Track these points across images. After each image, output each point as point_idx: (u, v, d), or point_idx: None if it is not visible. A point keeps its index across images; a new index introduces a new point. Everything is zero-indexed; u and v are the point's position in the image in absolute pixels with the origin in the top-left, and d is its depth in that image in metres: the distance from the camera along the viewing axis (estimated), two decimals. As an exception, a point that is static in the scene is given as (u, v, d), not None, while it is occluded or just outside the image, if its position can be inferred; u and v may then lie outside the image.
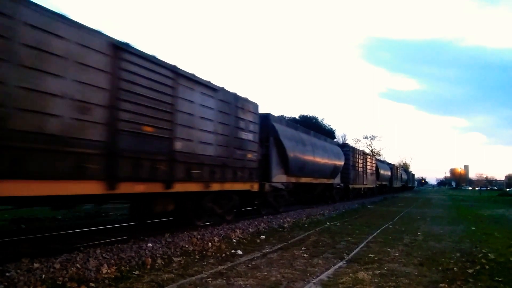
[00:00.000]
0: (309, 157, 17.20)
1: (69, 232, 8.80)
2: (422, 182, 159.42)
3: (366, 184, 31.48)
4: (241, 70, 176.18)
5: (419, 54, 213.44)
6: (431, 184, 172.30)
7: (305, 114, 49.34)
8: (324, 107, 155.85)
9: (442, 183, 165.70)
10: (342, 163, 22.48)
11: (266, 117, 14.37)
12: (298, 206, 18.41)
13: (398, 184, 54.57)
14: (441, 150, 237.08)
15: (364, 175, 30.65)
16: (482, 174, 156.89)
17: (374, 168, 35.38)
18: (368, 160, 32.99)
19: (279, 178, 14.48)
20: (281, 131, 14.88)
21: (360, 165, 29.21)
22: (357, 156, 28.35)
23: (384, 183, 41.73)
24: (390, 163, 53.34)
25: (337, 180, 22.78)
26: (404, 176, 65.02)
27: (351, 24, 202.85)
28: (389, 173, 44.63)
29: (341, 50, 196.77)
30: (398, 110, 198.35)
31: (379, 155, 72.26)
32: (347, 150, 25.82)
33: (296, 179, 16.28)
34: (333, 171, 21.10)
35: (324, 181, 20.34)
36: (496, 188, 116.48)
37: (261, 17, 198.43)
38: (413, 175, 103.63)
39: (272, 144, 14.26)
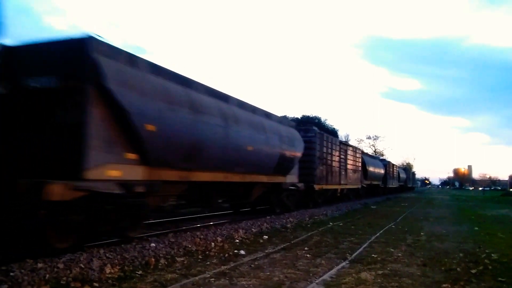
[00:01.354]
0: (214, 136, 9.52)
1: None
2: (426, 182, 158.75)
3: (346, 184, 23.80)
4: (244, 71, 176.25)
5: (421, 54, 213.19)
6: (434, 184, 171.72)
7: (308, 115, 49.32)
8: (327, 107, 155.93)
9: (445, 183, 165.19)
10: (299, 153, 15.08)
11: (78, 43, 6.70)
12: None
13: (395, 184, 47.19)
14: (444, 151, 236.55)
15: (343, 172, 23.05)
16: (485, 174, 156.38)
17: (360, 164, 27.99)
18: (350, 153, 25.34)
19: (111, 170, 6.97)
20: (119, 76, 7.10)
21: (336, 158, 21.58)
22: (329, 146, 20.42)
23: (375, 182, 34.40)
24: (384, 159, 47.30)
25: (290, 178, 15.05)
26: (403, 175, 56.87)
27: (352, 24, 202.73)
28: (381, 171, 37.18)
29: (343, 50, 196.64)
30: (401, 110, 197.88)
31: (382, 155, 72.13)
32: (311, 136, 18.01)
33: (181, 174, 8.73)
34: (280, 164, 13.41)
35: (263, 179, 12.87)
36: (499, 188, 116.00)
37: (264, 18, 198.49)
38: (414, 173, 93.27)
39: (94, 101, 6.67)
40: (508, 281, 5.83)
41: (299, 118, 46.35)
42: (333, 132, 48.43)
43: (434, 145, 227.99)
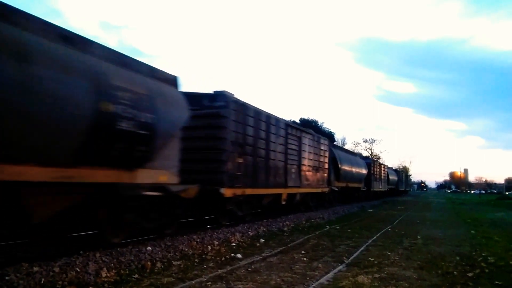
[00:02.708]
0: None
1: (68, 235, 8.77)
2: (422, 185, 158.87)
3: (299, 187, 16.29)
4: (244, 74, 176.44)
5: (417, 57, 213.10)
6: (430, 188, 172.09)
7: (305, 118, 49.64)
8: (324, 111, 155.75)
9: (442, 186, 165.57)
10: (173, 128, 8.40)
11: None
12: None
13: (382, 187, 39.63)
14: (440, 154, 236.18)
15: (292, 170, 15.63)
16: (481, 178, 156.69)
17: (326, 160, 20.54)
18: (308, 143, 17.63)
19: None
20: None
21: (278, 147, 14.28)
22: (261, 127, 13.04)
23: (353, 185, 27.06)
24: (368, 157, 40.86)
25: (151, 175, 7.95)
26: (393, 177, 49.41)
27: (349, 27, 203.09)
28: (363, 171, 29.75)
29: (339, 53, 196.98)
30: (397, 114, 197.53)
31: (379, 158, 72.36)
32: (219, 106, 10.94)
33: None
34: (98, 142, 6.52)
35: (37, 176, 5.67)
36: (495, 191, 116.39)
37: (264, 21, 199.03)
38: (407, 176, 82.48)
39: None
40: (504, 285, 5.85)
41: (297, 121, 46.64)
42: (330, 135, 48.69)
43: (430, 148, 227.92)
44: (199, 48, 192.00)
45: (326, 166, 20.62)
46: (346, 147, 57.86)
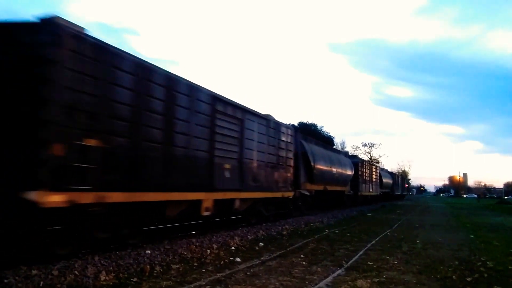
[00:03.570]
0: None
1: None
2: (421, 189, 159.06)
3: (239, 190, 11.36)
4: (244, 78, 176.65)
5: (415, 61, 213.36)
6: (429, 192, 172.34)
7: (304, 121, 49.60)
8: (323, 115, 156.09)
9: (441, 191, 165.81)
10: None
11: None
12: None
13: (374, 190, 35.11)
14: (439, 158, 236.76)
15: (227, 165, 10.68)
16: (480, 182, 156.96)
17: (291, 155, 15.58)
18: (257, 128, 12.65)
19: None
20: None
21: (196, 131, 9.38)
22: (152, 91, 7.82)
23: (333, 188, 22.30)
24: (356, 156, 35.12)
25: None
26: (387, 180, 44.12)
27: (346, 31, 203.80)
28: (348, 172, 25.32)
29: (337, 57, 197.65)
30: (395, 118, 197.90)
31: (378, 162, 72.35)
32: (47, 43, 5.83)
33: None
34: None
35: None
36: (495, 196, 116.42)
37: (262, 26, 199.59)
38: (403, 179, 77.16)
39: None
40: (503, 289, 5.85)
41: (296, 125, 46.66)
42: (329, 139, 48.64)
43: (429, 152, 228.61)
44: (198, 51, 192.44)
45: (291, 163, 15.52)
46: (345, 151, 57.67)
